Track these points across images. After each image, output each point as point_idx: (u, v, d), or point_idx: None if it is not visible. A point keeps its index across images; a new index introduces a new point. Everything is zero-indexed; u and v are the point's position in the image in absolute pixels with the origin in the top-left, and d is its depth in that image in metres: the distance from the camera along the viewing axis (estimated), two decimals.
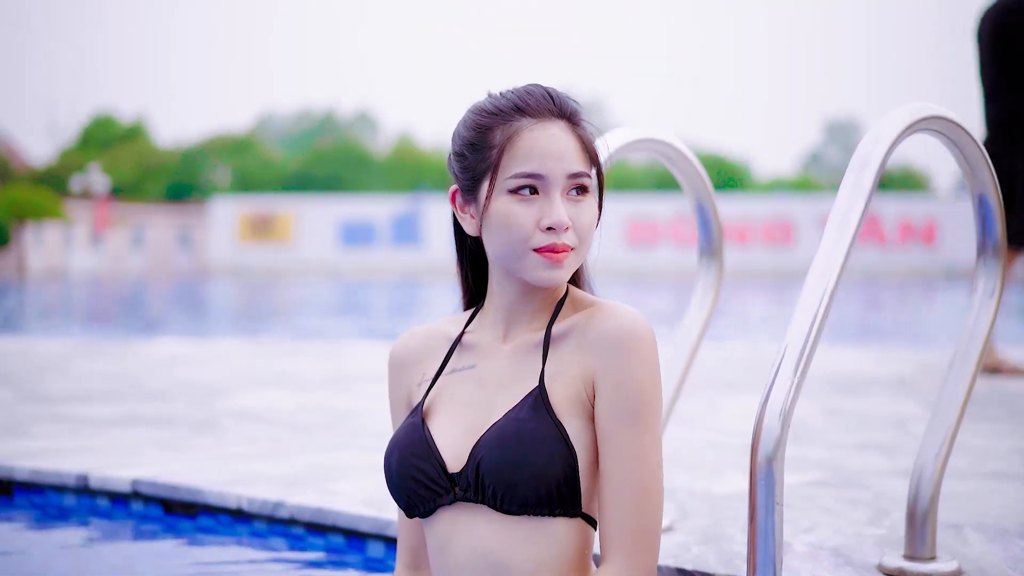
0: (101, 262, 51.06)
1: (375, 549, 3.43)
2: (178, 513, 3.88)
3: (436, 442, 2.14)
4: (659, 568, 2.90)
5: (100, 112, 72.33)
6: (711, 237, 3.41)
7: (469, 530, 2.10)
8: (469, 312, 2.32)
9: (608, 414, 2.06)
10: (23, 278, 41.53)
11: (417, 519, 2.27)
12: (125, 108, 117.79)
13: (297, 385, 7.04)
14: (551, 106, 2.13)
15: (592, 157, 2.15)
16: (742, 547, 3.02)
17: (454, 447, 2.12)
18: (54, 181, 56.53)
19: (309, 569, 3.45)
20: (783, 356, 2.30)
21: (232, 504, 3.71)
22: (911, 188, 73.69)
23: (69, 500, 4.06)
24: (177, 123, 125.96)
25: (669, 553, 2.98)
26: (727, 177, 69.69)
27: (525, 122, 2.10)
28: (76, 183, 54.15)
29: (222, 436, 4.98)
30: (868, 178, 2.56)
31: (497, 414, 2.11)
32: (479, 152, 2.13)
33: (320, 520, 3.53)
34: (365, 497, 3.66)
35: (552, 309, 2.19)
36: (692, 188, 3.33)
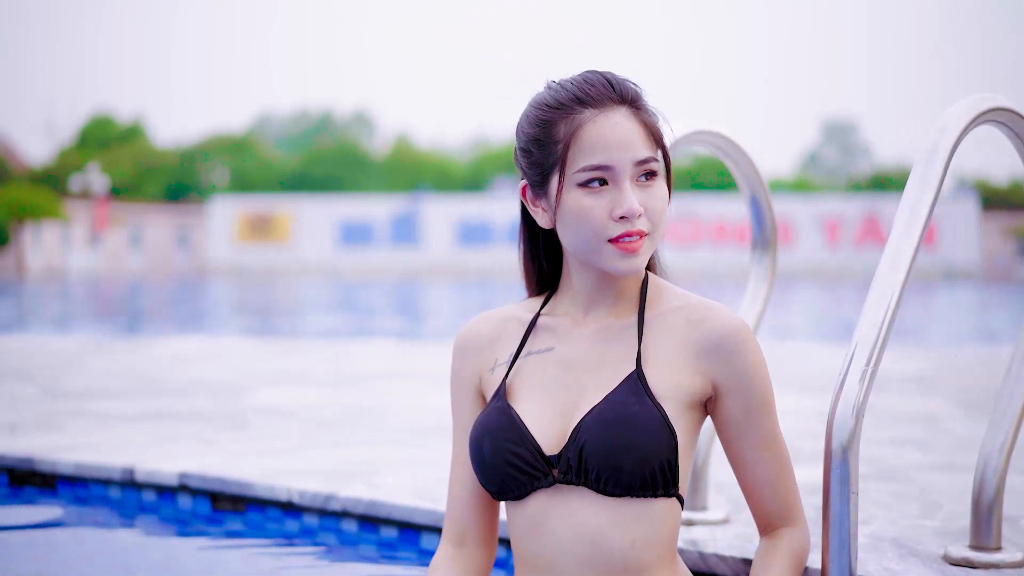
0: (99, 262, 51.08)
1: (429, 541, 3.43)
2: (225, 507, 3.88)
3: (527, 426, 2.15)
4: (723, 558, 2.91)
5: (98, 112, 72.32)
6: (765, 231, 3.41)
7: (566, 511, 2.12)
8: (541, 297, 2.32)
9: (744, 407, 2.16)
10: (22, 278, 41.51)
11: (475, 501, 2.28)
12: (123, 108, 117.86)
13: (315, 382, 7.06)
14: (611, 93, 2.13)
15: (657, 140, 2.15)
16: None
17: (547, 430, 2.14)
18: (52, 181, 56.52)
19: (362, 562, 3.46)
20: (855, 349, 2.30)
21: (283, 497, 3.71)
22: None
23: (114, 493, 4.06)
24: (175, 123, 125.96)
25: (732, 545, 2.99)
26: (725, 177, 69.66)
27: (588, 113, 2.11)
28: (75, 183, 54.11)
29: (254, 432, 4.99)
30: (936, 170, 2.56)
31: (591, 397, 2.13)
32: (545, 148, 2.14)
33: (373, 512, 3.53)
34: (414, 489, 3.67)
35: (634, 294, 2.22)
36: (746, 182, 3.33)
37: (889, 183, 73.06)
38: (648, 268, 2.29)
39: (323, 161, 67.87)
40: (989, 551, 2.79)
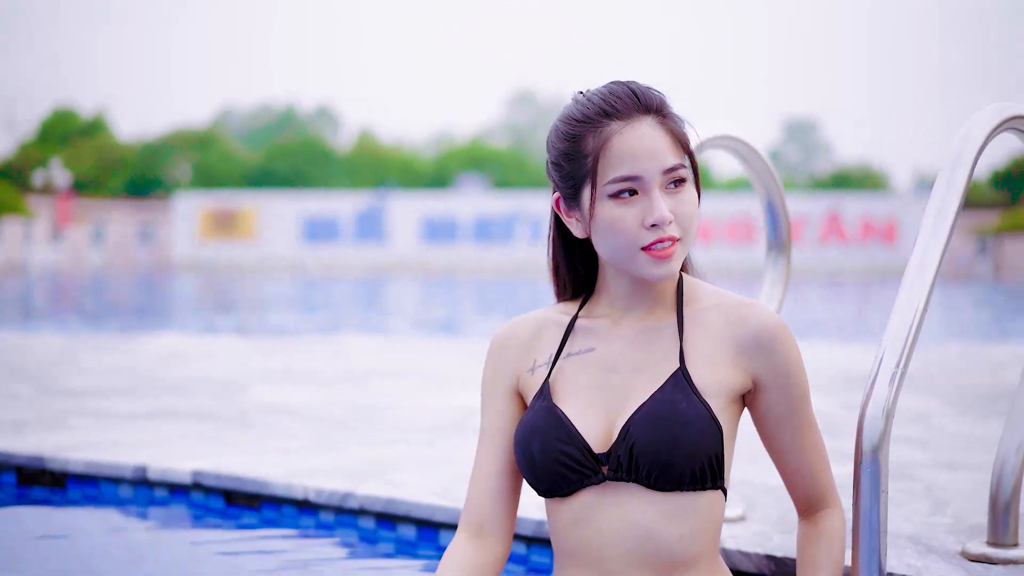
0: (61, 257, 50.71)
1: (448, 539, 3.47)
2: (239, 505, 3.91)
3: (575, 425, 2.20)
4: (747, 555, 2.97)
5: (60, 106, 71.79)
6: (780, 233, 3.48)
7: (615, 506, 2.18)
8: (576, 301, 2.39)
9: (783, 399, 2.26)
10: None
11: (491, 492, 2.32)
12: (86, 101, 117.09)
13: (312, 380, 7.08)
14: (637, 104, 2.19)
15: (684, 146, 2.21)
16: None
17: (595, 429, 2.20)
18: (13, 176, 56.05)
19: (380, 559, 3.50)
20: (884, 350, 2.37)
21: (299, 495, 3.75)
22: (871, 187, 74.15)
23: (125, 492, 4.08)
24: (138, 117, 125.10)
25: (753, 542, 3.05)
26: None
27: (615, 126, 2.17)
28: (37, 178, 53.70)
29: (260, 431, 5.01)
30: (962, 176, 2.62)
31: (636, 396, 2.20)
32: (575, 161, 2.21)
33: (392, 510, 3.58)
34: (431, 488, 3.71)
35: (671, 294, 2.30)
36: (763, 186, 3.40)
37: (850, 182, 73.56)
38: (683, 269, 2.36)
39: (287, 156, 67.67)
40: (1007, 547, 2.86)
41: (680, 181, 2.18)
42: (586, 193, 2.20)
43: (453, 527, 3.47)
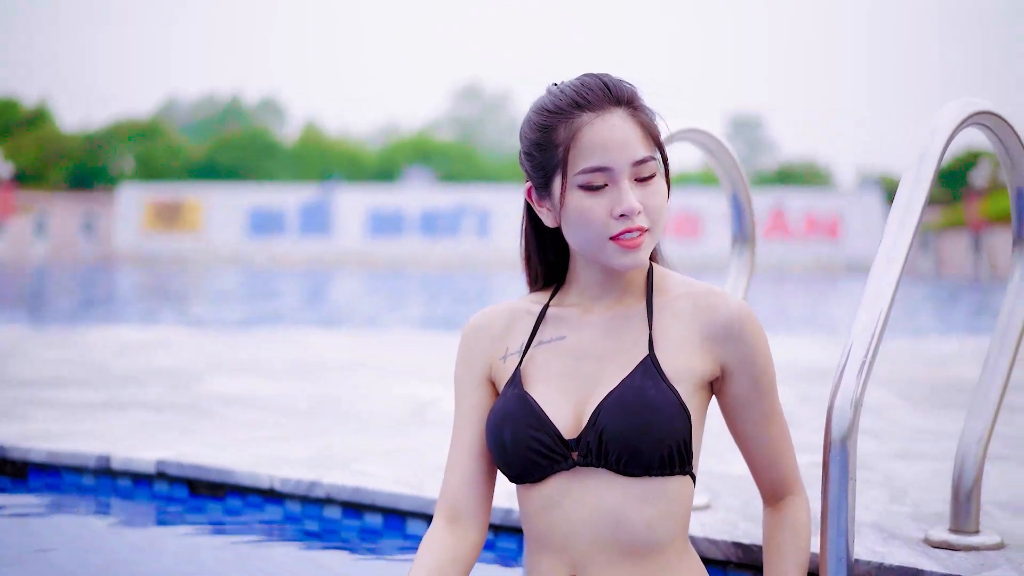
0: (3, 249, 50.17)
1: (415, 527, 3.50)
2: (203, 494, 3.91)
3: (545, 411, 2.24)
4: (715, 542, 3.01)
5: (2, 96, 70.93)
6: (745, 226, 3.52)
7: (584, 492, 2.21)
8: (547, 290, 2.42)
9: (750, 386, 2.29)
10: None
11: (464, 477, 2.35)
12: (28, 92, 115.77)
13: (267, 371, 7.08)
14: (608, 96, 2.22)
15: (654, 139, 2.25)
16: None
17: (564, 415, 2.23)
18: None
19: (346, 548, 3.51)
20: (852, 342, 2.41)
21: (264, 484, 3.75)
22: (815, 183, 74.70)
23: (88, 481, 4.07)
24: (81, 108, 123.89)
25: (720, 530, 3.09)
26: None
27: (586, 117, 2.20)
28: None
29: (220, 421, 5.01)
30: (928, 171, 2.66)
31: (605, 382, 2.23)
32: (546, 152, 2.24)
33: (358, 499, 3.59)
34: (396, 477, 3.73)
35: (640, 283, 2.33)
36: (729, 179, 3.45)
37: (795, 177, 74.07)
38: (651, 258, 2.39)
39: (232, 148, 67.22)
40: (968, 534, 2.92)
41: (650, 173, 2.21)
42: (557, 183, 2.23)
43: (419, 515, 3.49)
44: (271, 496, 3.77)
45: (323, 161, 67.99)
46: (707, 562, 2.95)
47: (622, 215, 2.17)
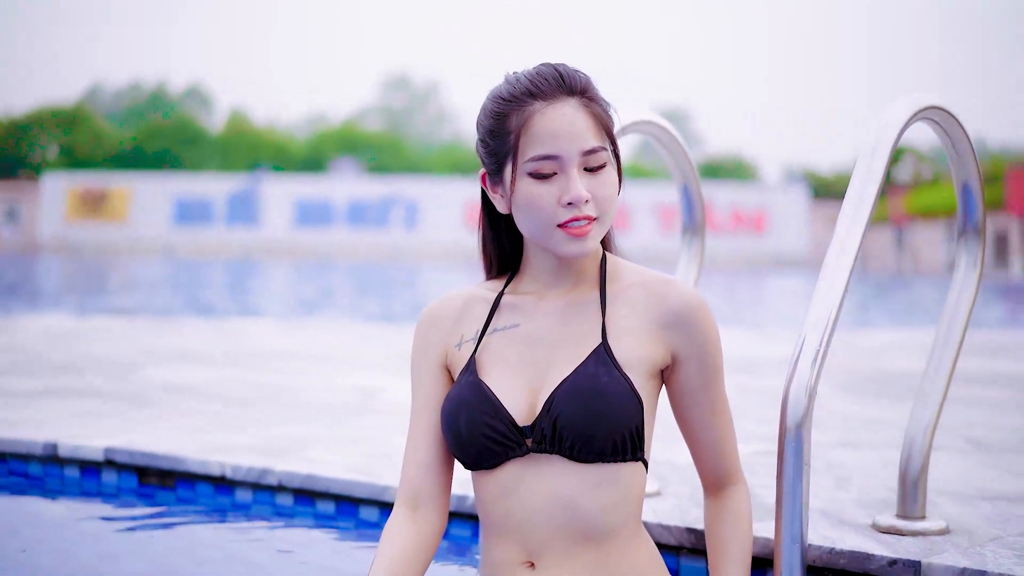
0: None
1: (368, 514, 3.51)
2: (152, 482, 3.90)
3: (499, 398, 2.27)
4: (668, 528, 3.06)
5: None
6: (695, 217, 3.58)
7: (538, 478, 2.24)
8: (503, 278, 2.45)
9: (700, 375, 2.32)
10: None
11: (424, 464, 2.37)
12: None
13: (204, 360, 7.06)
14: (562, 85, 2.25)
15: (606, 130, 2.28)
16: None
17: (518, 402, 2.26)
18: None
19: (299, 535, 3.50)
20: (806, 333, 2.46)
21: (215, 472, 3.75)
22: (741, 177, 75.33)
23: (35, 470, 4.04)
24: (3, 95, 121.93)
25: (672, 516, 3.13)
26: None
27: (537, 105, 2.23)
28: None
29: (163, 409, 4.99)
30: (879, 163, 2.72)
31: (559, 369, 2.26)
32: (499, 139, 2.27)
33: (311, 486, 3.60)
34: (347, 465, 3.75)
35: (594, 272, 2.36)
36: (680, 171, 3.50)
37: (721, 172, 74.68)
38: (604, 248, 2.42)
39: (158, 137, 66.58)
40: (915, 520, 2.99)
41: (600, 163, 2.24)
42: (508, 170, 2.25)
43: (372, 502, 3.51)
44: (222, 484, 3.77)
45: (250, 150, 67.57)
46: (661, 547, 3.00)
47: (569, 203, 2.19)
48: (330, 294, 22.87)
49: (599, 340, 2.27)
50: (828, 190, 67.16)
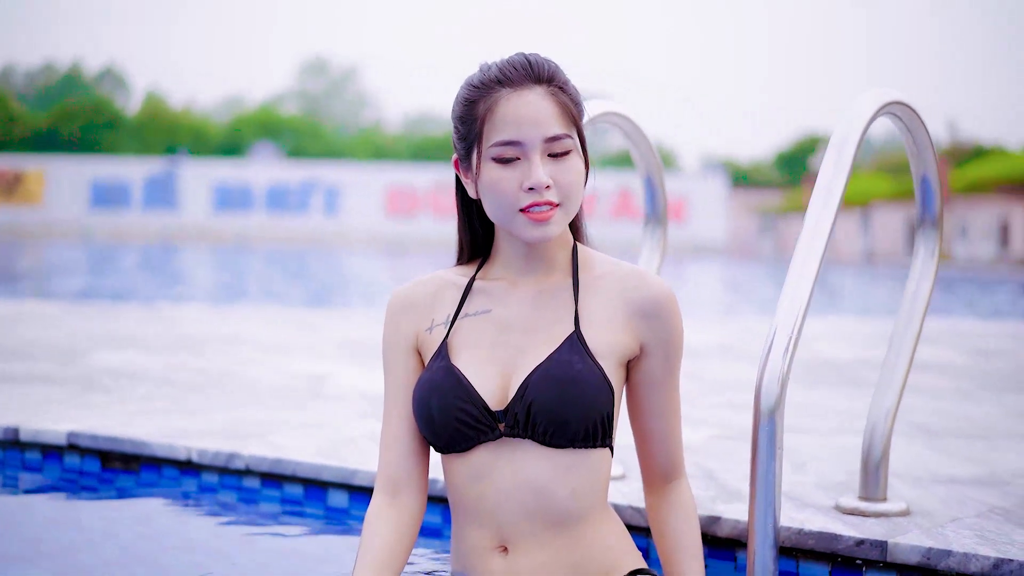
0: None
1: (336, 498, 3.55)
2: (116, 467, 3.91)
3: (472, 383, 2.32)
4: (638, 510, 3.13)
5: None
6: (658, 208, 3.65)
7: (510, 463, 2.30)
8: (474, 263, 2.50)
9: (661, 366, 2.39)
10: None
11: (405, 450, 2.40)
12: None
13: (149, 346, 7.04)
14: (529, 73, 2.31)
15: (572, 118, 2.33)
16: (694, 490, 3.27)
17: (490, 387, 2.32)
18: None
19: (267, 519, 3.53)
20: (778, 322, 2.55)
21: (182, 456, 3.77)
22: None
23: None
24: None
25: (640, 498, 3.20)
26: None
27: (504, 92, 2.29)
28: None
29: (117, 394, 4.99)
30: (847, 155, 2.80)
31: (531, 355, 2.32)
32: (467, 124, 2.33)
33: (279, 470, 3.63)
34: (312, 449, 3.78)
35: (565, 261, 2.42)
36: (644, 162, 3.57)
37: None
38: (576, 239, 2.48)
39: (73, 119, 65.62)
40: (877, 501, 3.10)
41: (564, 150, 2.29)
42: (475, 155, 2.31)
43: (341, 486, 3.55)
44: (188, 468, 3.79)
45: (167, 134, 66.80)
46: (631, 528, 3.07)
47: (531, 188, 2.25)
48: (257, 280, 22.75)
49: (572, 328, 2.33)
50: (746, 179, 67.92)
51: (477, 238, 2.49)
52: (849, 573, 2.84)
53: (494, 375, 2.32)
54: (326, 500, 3.58)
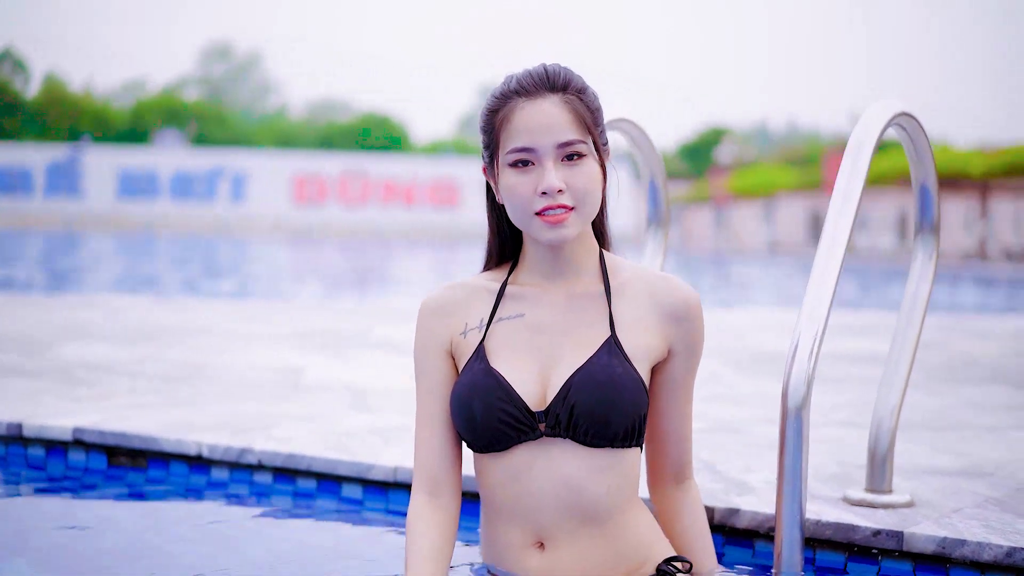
0: None
1: (351, 491, 3.62)
2: (123, 463, 3.94)
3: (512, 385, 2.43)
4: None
5: None
6: (659, 210, 3.78)
7: (548, 462, 2.41)
8: (504, 268, 2.61)
9: (683, 369, 2.53)
10: None
11: (439, 451, 2.51)
12: None
13: (110, 338, 7.04)
14: (545, 82, 2.43)
15: (586, 125, 2.43)
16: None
17: (530, 389, 2.43)
18: None
19: (282, 514, 3.56)
20: (802, 325, 2.71)
21: (192, 451, 3.81)
22: (439, 152, 75.44)
23: None
24: None
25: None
26: (389, 136, 70.17)
27: (519, 102, 2.42)
28: None
29: (98, 388, 5.00)
30: (863, 162, 2.96)
31: (569, 358, 2.43)
32: (488, 133, 2.47)
33: (293, 465, 3.68)
34: (321, 442, 3.85)
35: (593, 266, 2.54)
36: (648, 166, 3.70)
37: (415, 147, 74.94)
38: (602, 246, 2.60)
39: None
40: (884, 493, 3.25)
41: (578, 155, 2.40)
42: (496, 162, 2.45)
43: (354, 480, 3.61)
44: (197, 463, 3.83)
45: (68, 119, 65.61)
46: None
47: (543, 193, 2.37)
48: (175, 268, 22.53)
49: (608, 332, 2.44)
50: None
51: (506, 244, 2.60)
52: (865, 562, 2.99)
53: (532, 377, 2.43)
54: (340, 494, 3.64)
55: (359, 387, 5.26)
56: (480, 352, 2.47)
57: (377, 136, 68.49)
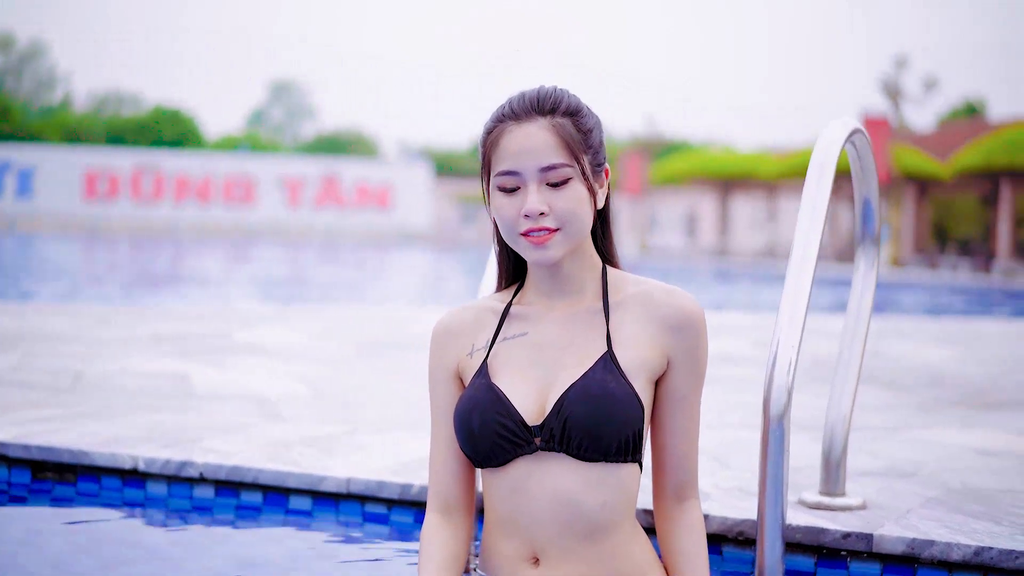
0: None
1: (297, 503, 3.58)
2: (49, 477, 3.80)
3: (510, 400, 2.48)
4: (649, 511, 3.21)
5: None
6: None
7: (545, 475, 2.45)
8: (510, 289, 2.67)
9: (686, 382, 2.53)
10: None
11: (454, 469, 2.56)
12: None
13: (40, 339, 6.85)
14: (535, 107, 2.48)
15: (572, 149, 2.47)
16: None
17: (528, 404, 2.47)
18: None
19: (226, 528, 3.49)
20: (780, 337, 2.78)
21: (127, 464, 3.69)
22: (363, 153, 75.72)
23: None
24: None
25: (644, 501, 3.28)
26: (180, 130, 68.94)
27: (509, 125, 2.47)
28: None
29: (38, 397, 4.85)
30: (827, 179, 3.02)
31: (567, 373, 2.48)
32: (482, 156, 2.53)
33: (237, 477, 3.62)
34: (260, 453, 3.80)
35: (595, 284, 2.59)
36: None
37: (337, 146, 74.95)
38: (607, 262, 2.65)
39: None
40: (838, 496, 3.37)
41: (563, 178, 2.44)
42: (487, 182, 2.50)
43: (304, 492, 3.57)
44: (132, 477, 3.72)
45: None
46: (649, 532, 3.15)
47: (526, 215, 2.42)
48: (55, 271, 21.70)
49: (605, 348, 2.49)
50: (451, 168, 68.73)
51: (511, 264, 2.65)
52: (834, 564, 3.08)
53: (531, 392, 2.47)
54: (287, 506, 3.59)
55: (257, 395, 5.19)
56: (483, 369, 2.51)
57: (167, 131, 67.19)
